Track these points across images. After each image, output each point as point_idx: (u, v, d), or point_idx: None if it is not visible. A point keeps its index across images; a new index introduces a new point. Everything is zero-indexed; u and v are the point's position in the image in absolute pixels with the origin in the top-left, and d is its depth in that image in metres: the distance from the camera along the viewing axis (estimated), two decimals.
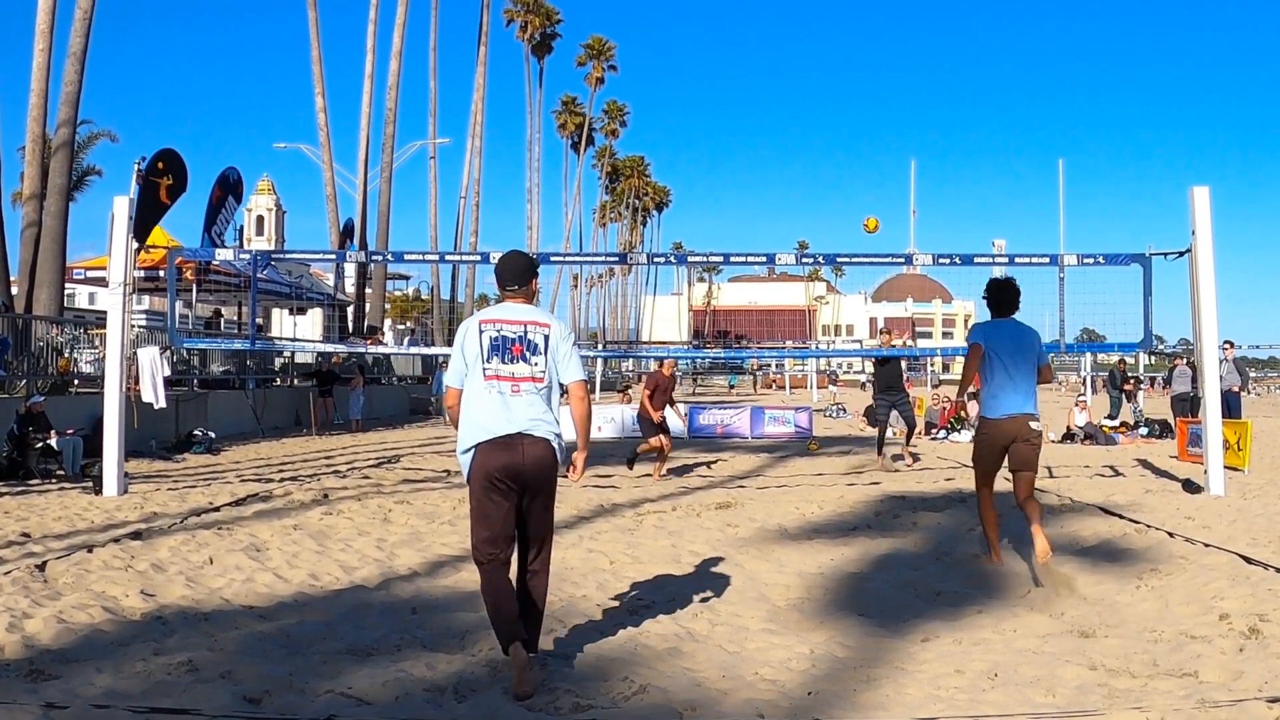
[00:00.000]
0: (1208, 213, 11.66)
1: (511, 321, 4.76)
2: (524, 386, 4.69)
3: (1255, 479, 13.23)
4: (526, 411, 4.67)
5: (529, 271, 4.92)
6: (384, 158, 37.41)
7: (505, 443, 4.63)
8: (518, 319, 4.77)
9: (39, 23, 20.54)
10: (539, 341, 4.74)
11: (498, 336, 4.73)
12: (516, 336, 4.73)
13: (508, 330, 4.74)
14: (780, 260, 13.55)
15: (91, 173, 49.33)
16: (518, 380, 4.69)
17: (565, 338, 4.82)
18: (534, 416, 4.67)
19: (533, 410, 4.68)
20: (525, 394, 4.69)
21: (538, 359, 4.72)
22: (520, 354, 4.70)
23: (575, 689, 4.61)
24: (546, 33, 62.98)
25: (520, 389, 4.68)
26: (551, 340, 4.77)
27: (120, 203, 12.01)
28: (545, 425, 4.69)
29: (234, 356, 23.07)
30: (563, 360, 4.77)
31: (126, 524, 9.38)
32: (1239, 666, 4.91)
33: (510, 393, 4.67)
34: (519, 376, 4.69)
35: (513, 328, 4.74)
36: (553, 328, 4.80)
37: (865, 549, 8.34)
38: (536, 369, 4.71)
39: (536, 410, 4.69)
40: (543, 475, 4.71)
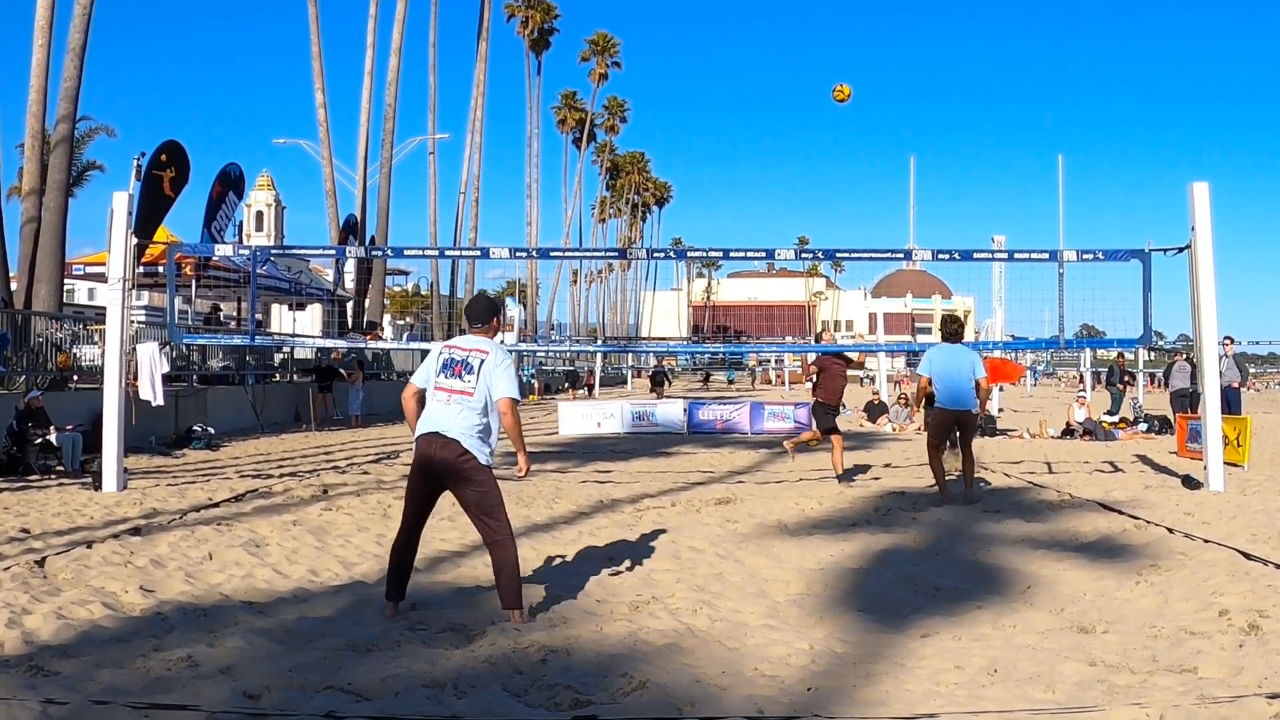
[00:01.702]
0: (1207, 209, 11.65)
1: (462, 348, 5.78)
2: (455, 398, 5.67)
3: (1255, 475, 13.24)
4: (451, 418, 5.63)
5: (490, 312, 5.97)
6: (384, 153, 37.36)
7: (427, 439, 5.68)
8: (467, 347, 5.78)
9: (38, 18, 20.49)
10: (475, 364, 5.69)
11: (449, 359, 5.76)
12: (461, 359, 5.73)
13: (457, 354, 5.76)
14: (780, 256, 13.55)
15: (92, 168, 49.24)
16: (451, 393, 5.69)
17: (499, 363, 5.70)
18: (454, 421, 5.62)
19: (457, 418, 5.63)
20: (455, 404, 5.66)
21: (470, 378, 5.67)
22: (459, 373, 5.70)
23: (574, 685, 4.61)
24: (545, 28, 62.94)
25: (452, 400, 5.68)
26: (486, 364, 5.69)
27: (120, 198, 12.00)
28: (461, 429, 5.61)
29: (233, 352, 23.05)
30: (494, 381, 5.67)
31: (126, 520, 9.38)
32: (1238, 662, 4.91)
33: (445, 402, 5.68)
34: (453, 390, 5.69)
35: (460, 352, 5.76)
36: (490, 354, 5.72)
37: (865, 545, 8.34)
38: (468, 385, 5.67)
39: (460, 417, 5.63)
40: (449, 467, 5.63)
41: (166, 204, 20.20)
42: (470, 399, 5.63)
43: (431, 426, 5.67)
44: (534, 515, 9.84)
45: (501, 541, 5.71)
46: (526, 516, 9.74)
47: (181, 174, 20.25)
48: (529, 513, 9.98)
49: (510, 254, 14.57)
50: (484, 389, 5.65)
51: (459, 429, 5.60)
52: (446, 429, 5.61)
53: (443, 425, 5.63)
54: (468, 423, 5.61)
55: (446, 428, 5.62)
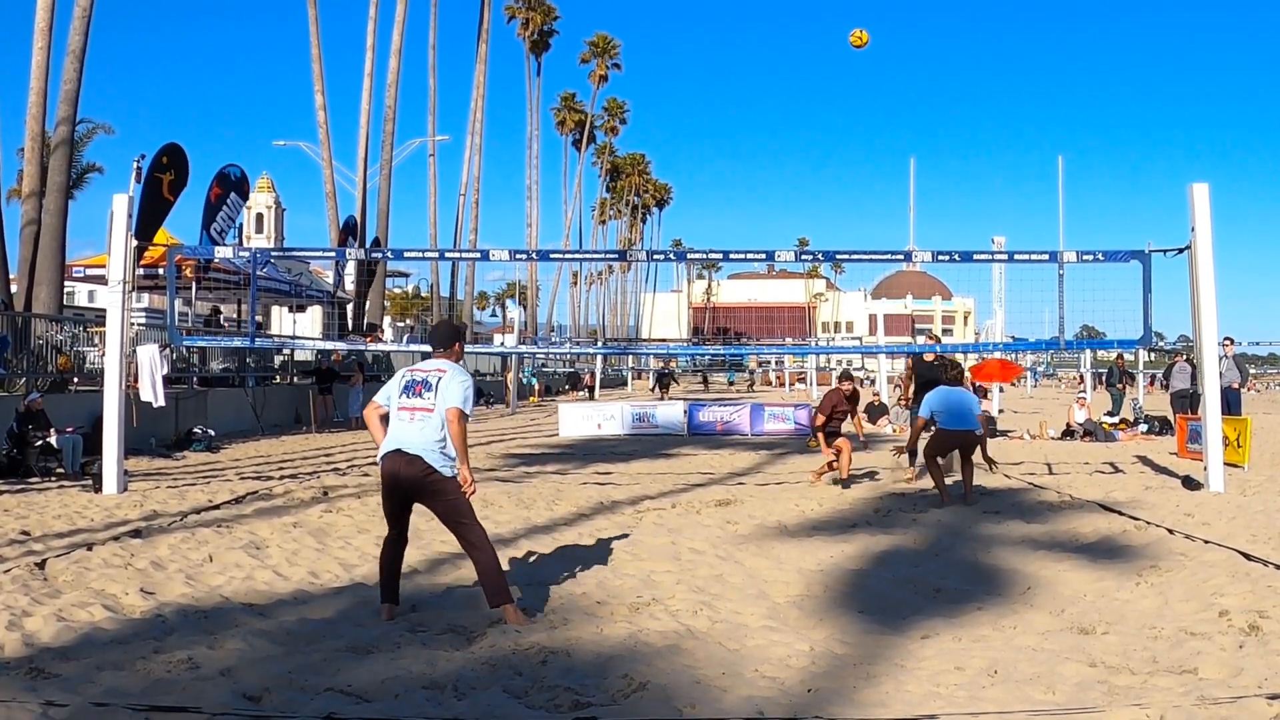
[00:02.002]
0: (1207, 210, 11.65)
1: (423, 370, 6.03)
2: (417, 415, 5.89)
3: (1255, 475, 13.24)
4: (413, 434, 5.83)
5: (451, 338, 6.23)
6: (384, 155, 37.38)
7: (390, 455, 5.88)
8: (427, 368, 6.03)
9: (38, 21, 20.50)
10: (434, 382, 5.92)
11: (410, 380, 6.00)
12: (421, 379, 5.97)
13: (418, 375, 6.00)
14: (780, 257, 13.57)
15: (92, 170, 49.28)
16: (414, 410, 5.90)
17: (453, 378, 5.91)
18: (416, 437, 5.82)
19: (419, 434, 5.83)
20: (417, 420, 5.87)
21: (430, 395, 5.89)
22: (419, 392, 5.93)
23: (575, 686, 4.62)
24: (545, 30, 62.94)
25: (415, 417, 5.89)
26: (442, 381, 5.90)
27: (120, 200, 12.00)
28: (423, 445, 5.80)
29: (233, 354, 23.04)
30: (444, 392, 5.86)
31: (126, 522, 9.38)
32: (1239, 663, 4.91)
33: (408, 420, 5.89)
34: (415, 408, 5.90)
35: (421, 374, 6.00)
36: (447, 372, 5.95)
37: (865, 546, 8.34)
38: (428, 403, 5.88)
39: (421, 434, 5.83)
40: (415, 483, 5.84)
41: (166, 207, 20.18)
42: (431, 415, 5.84)
43: (394, 444, 5.87)
44: (534, 517, 9.84)
45: (478, 544, 5.88)
46: (527, 518, 9.74)
47: (181, 177, 20.23)
48: (529, 514, 9.98)
49: (510, 256, 14.58)
50: (442, 404, 5.85)
51: (420, 445, 5.80)
52: (408, 445, 5.81)
53: (405, 442, 5.83)
54: (429, 438, 5.81)
55: (408, 444, 5.81)
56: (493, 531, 8.85)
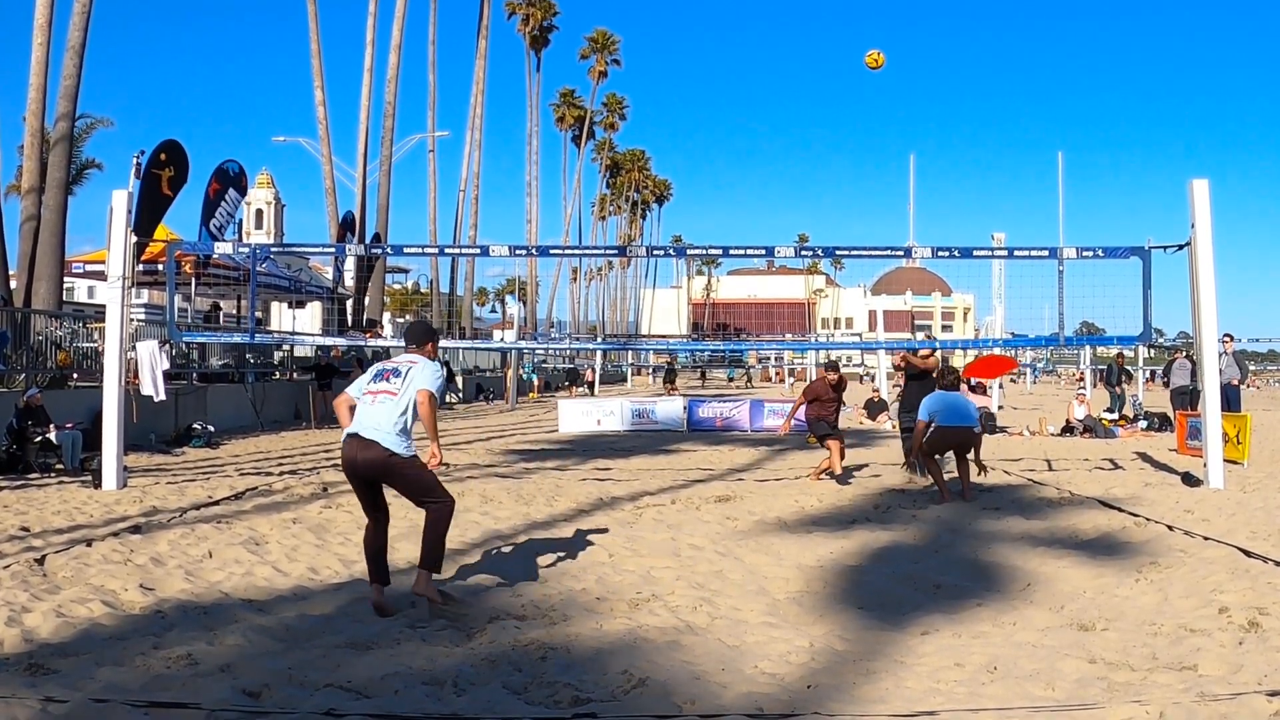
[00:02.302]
0: (1207, 206, 11.64)
1: (394, 361, 6.24)
2: (380, 398, 6.03)
3: (1255, 472, 13.24)
4: (373, 415, 5.98)
5: (425, 336, 6.44)
6: (383, 151, 37.35)
7: (349, 441, 6.03)
8: (399, 360, 6.25)
9: (38, 16, 20.47)
10: (404, 370, 6.10)
11: (380, 369, 6.20)
12: (392, 369, 6.15)
13: (388, 366, 6.19)
14: (779, 253, 13.54)
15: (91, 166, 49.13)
16: (377, 394, 6.06)
17: (424, 368, 6.11)
18: (375, 418, 5.96)
19: (379, 414, 5.97)
20: (379, 403, 6.02)
21: (397, 381, 6.07)
22: (388, 379, 6.10)
23: (574, 682, 4.61)
24: (545, 25, 62.86)
25: (377, 400, 6.04)
26: (413, 370, 6.09)
27: (119, 196, 11.98)
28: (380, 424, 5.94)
29: (233, 350, 23.04)
30: (414, 377, 6.04)
31: (126, 518, 9.38)
32: (1238, 660, 4.91)
33: (370, 403, 6.04)
34: (379, 390, 6.07)
35: (392, 364, 6.20)
36: (419, 363, 6.16)
37: (864, 542, 8.34)
38: (393, 387, 6.05)
39: (382, 414, 5.97)
40: (373, 466, 5.97)
41: (165, 203, 20.18)
42: (394, 398, 6.01)
43: (353, 428, 6.03)
44: (534, 513, 9.84)
45: (431, 513, 6.04)
46: (526, 514, 9.74)
47: (180, 173, 20.23)
48: (529, 510, 9.98)
49: (510, 252, 14.57)
50: (409, 391, 6.01)
51: (377, 426, 5.94)
52: (364, 429, 5.96)
53: (362, 425, 5.98)
54: (388, 419, 5.95)
55: (365, 427, 5.96)
56: (492, 527, 8.89)
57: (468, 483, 12.31)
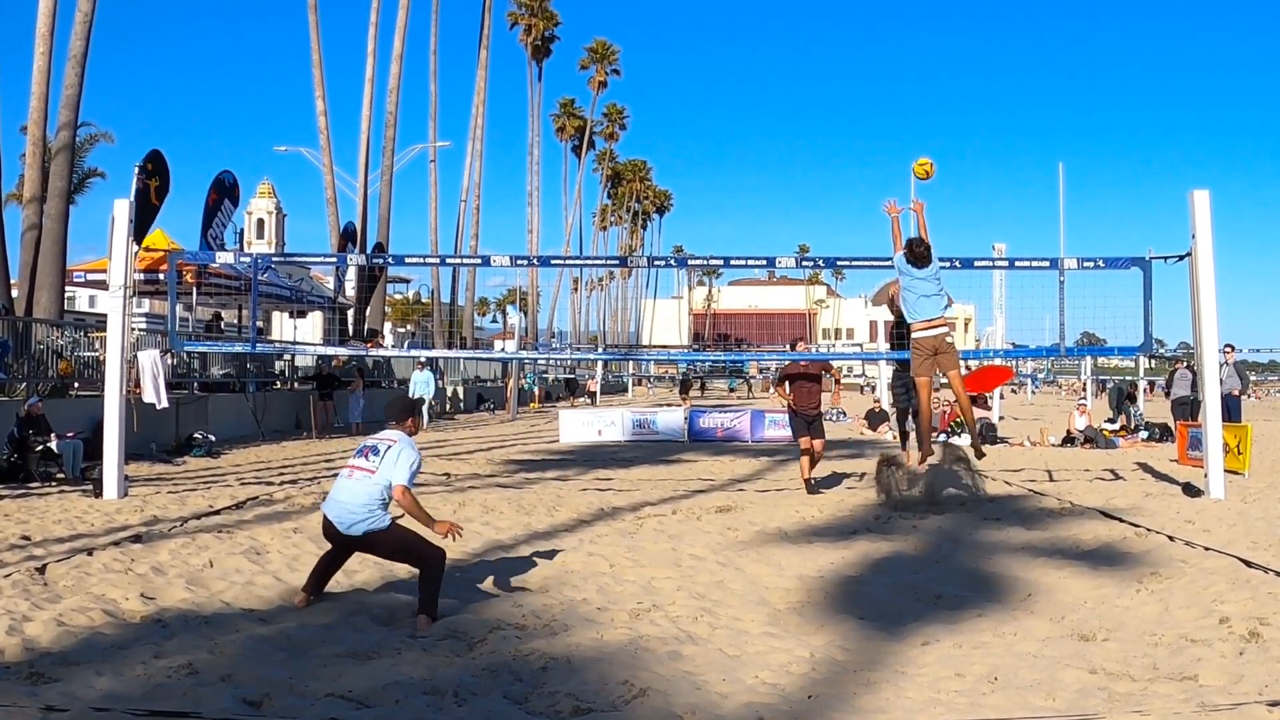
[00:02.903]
0: (1208, 216, 11.66)
1: (375, 438, 6.46)
2: (357, 474, 6.27)
3: (1255, 483, 13.23)
4: (348, 490, 6.26)
5: (405, 411, 6.63)
6: (384, 161, 37.42)
7: (325, 520, 6.37)
8: (379, 437, 6.44)
9: (39, 26, 20.56)
10: (383, 450, 6.29)
11: (362, 447, 6.45)
12: (371, 446, 6.39)
13: (369, 442, 6.45)
14: (780, 263, 13.59)
15: (93, 175, 49.33)
16: (355, 469, 6.30)
17: (401, 450, 6.26)
18: (349, 495, 6.23)
19: (355, 490, 6.23)
20: (356, 479, 6.26)
21: (375, 459, 6.26)
22: (366, 455, 6.32)
23: (575, 692, 4.61)
24: (547, 35, 63.03)
25: (354, 475, 6.29)
26: (389, 452, 6.26)
27: (120, 206, 12.00)
28: (353, 503, 6.20)
29: (234, 359, 23.05)
30: (390, 463, 6.21)
31: (127, 527, 9.38)
32: (1239, 670, 4.91)
33: (348, 476, 6.31)
34: (358, 467, 6.30)
35: (373, 441, 6.44)
36: (396, 443, 6.32)
37: (865, 552, 8.34)
38: (371, 465, 6.26)
39: (358, 491, 6.22)
40: (348, 545, 6.36)
41: (153, 213, 20.19)
42: (371, 476, 6.22)
43: (327, 507, 6.36)
44: (535, 523, 9.84)
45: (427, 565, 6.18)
46: (527, 524, 9.74)
47: (164, 183, 20.25)
48: (530, 520, 9.98)
49: (511, 261, 14.58)
50: (386, 470, 6.21)
51: (351, 502, 6.21)
52: (337, 515, 6.24)
53: (334, 507, 6.27)
54: (363, 498, 6.19)
55: (337, 512, 6.24)
56: (493, 537, 8.89)
57: (469, 493, 12.31)
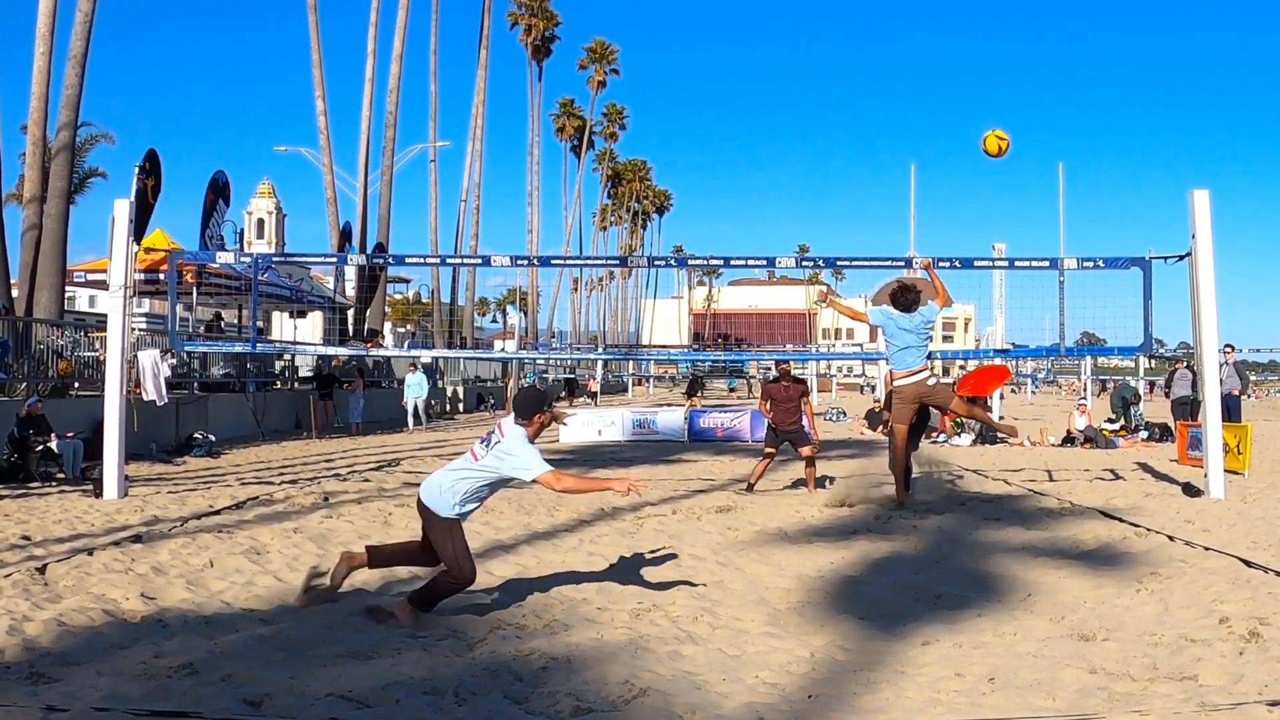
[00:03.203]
0: (1208, 216, 11.66)
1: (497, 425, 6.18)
2: (462, 459, 6.15)
3: (1255, 483, 13.23)
4: (440, 473, 6.12)
5: (526, 407, 6.13)
6: (384, 161, 37.44)
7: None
8: (499, 427, 6.13)
9: (39, 26, 20.56)
10: (493, 441, 6.04)
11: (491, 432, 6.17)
12: (489, 433, 6.15)
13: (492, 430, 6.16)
14: (780, 263, 13.60)
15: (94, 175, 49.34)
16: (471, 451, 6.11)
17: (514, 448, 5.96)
18: (437, 476, 6.08)
19: (443, 474, 6.08)
20: (456, 462, 6.18)
21: (482, 448, 6.05)
22: (484, 439, 6.11)
23: (575, 692, 4.61)
24: (547, 35, 63.04)
25: (458, 458, 6.21)
26: (499, 446, 5.98)
27: (120, 206, 12.00)
28: (434, 485, 6.03)
29: (234, 359, 23.07)
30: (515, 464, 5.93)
31: (127, 527, 9.39)
32: (1239, 670, 4.91)
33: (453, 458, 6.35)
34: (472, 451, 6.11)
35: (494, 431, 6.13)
36: (506, 439, 6.00)
37: (865, 552, 8.34)
38: (479, 451, 6.05)
39: (446, 474, 6.07)
40: (420, 508, 6.12)
41: (148, 212, 20.23)
42: (473, 462, 6.03)
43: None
44: (535, 523, 9.84)
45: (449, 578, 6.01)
46: (527, 524, 9.74)
47: (159, 182, 20.30)
48: (530, 520, 9.98)
49: (511, 262, 14.58)
50: (493, 462, 5.97)
51: (432, 484, 6.04)
52: (424, 486, 6.12)
53: (425, 481, 6.15)
54: (449, 480, 6.02)
55: (424, 484, 6.12)
56: (493, 538, 8.89)
57: None
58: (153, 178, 19.80)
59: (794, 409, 12.90)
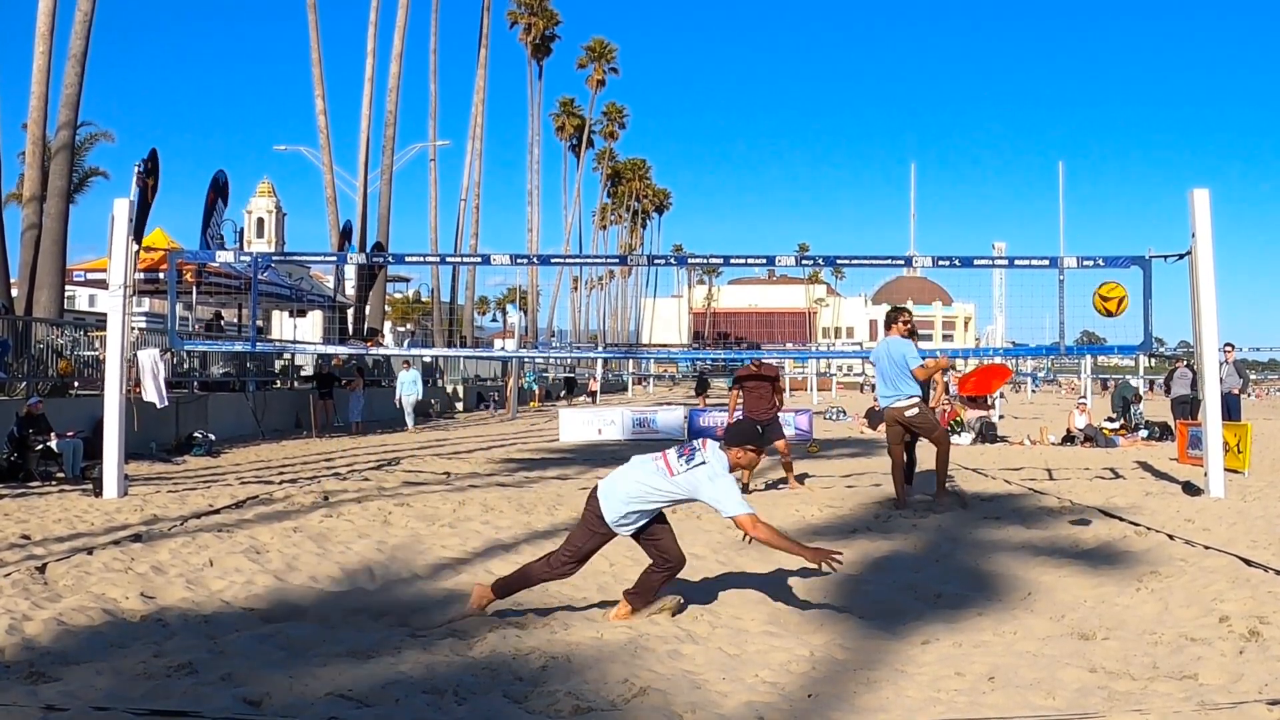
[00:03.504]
0: (1208, 215, 11.65)
1: (701, 442, 5.92)
2: (656, 463, 5.83)
3: (1255, 481, 13.23)
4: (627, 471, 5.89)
5: (735, 438, 5.87)
6: (384, 160, 37.43)
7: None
8: (704, 443, 5.89)
9: (39, 25, 20.56)
10: (697, 458, 5.75)
11: (691, 444, 5.94)
12: (696, 448, 5.83)
13: (695, 443, 5.91)
14: (780, 262, 13.56)
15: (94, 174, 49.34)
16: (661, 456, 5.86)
17: (714, 472, 5.68)
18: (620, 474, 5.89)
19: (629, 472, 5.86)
20: (651, 462, 5.85)
21: (681, 463, 5.75)
22: (686, 453, 5.80)
23: (575, 691, 4.61)
24: (547, 34, 63.05)
25: (651, 459, 5.88)
26: (701, 469, 5.70)
27: (120, 205, 12.00)
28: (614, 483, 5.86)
29: (234, 359, 23.08)
30: (709, 487, 5.66)
31: (127, 526, 9.39)
32: (1239, 669, 4.90)
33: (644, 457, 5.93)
34: (664, 455, 5.85)
35: (697, 444, 5.89)
36: (709, 463, 5.71)
37: (865, 551, 8.34)
38: (676, 465, 5.75)
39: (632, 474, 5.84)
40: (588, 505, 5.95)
41: (146, 211, 20.24)
42: (668, 475, 5.75)
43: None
44: (535, 522, 9.84)
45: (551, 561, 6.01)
46: (527, 523, 9.74)
47: (157, 181, 20.30)
48: (530, 519, 9.98)
49: (511, 260, 14.58)
50: (690, 481, 5.71)
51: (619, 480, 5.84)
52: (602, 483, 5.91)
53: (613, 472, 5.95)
54: (636, 486, 5.77)
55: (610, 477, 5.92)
56: (493, 536, 8.89)
57: (469, 491, 12.32)
58: (152, 177, 19.77)
59: (767, 393, 12.94)
